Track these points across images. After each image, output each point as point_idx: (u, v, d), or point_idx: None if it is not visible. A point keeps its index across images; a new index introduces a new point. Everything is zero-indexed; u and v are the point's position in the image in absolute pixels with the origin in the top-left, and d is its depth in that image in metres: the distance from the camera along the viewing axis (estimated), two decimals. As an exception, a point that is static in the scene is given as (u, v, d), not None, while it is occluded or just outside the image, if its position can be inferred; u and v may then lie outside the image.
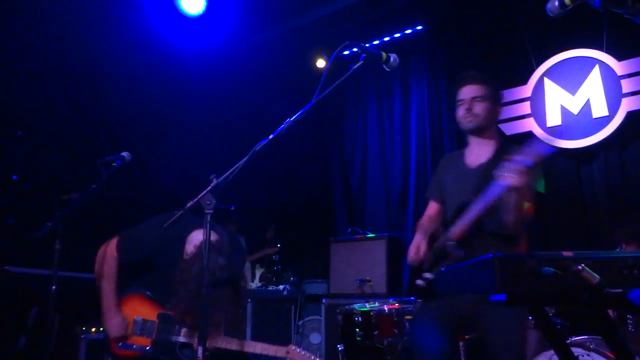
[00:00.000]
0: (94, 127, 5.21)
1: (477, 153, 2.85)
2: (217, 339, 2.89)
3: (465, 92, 2.82)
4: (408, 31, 6.06)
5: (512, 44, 5.39)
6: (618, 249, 3.97)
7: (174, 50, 5.49)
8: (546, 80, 5.19)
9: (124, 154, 3.26)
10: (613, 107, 4.80)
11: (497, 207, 2.47)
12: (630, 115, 4.72)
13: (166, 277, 2.89)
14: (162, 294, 2.96)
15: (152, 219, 3.11)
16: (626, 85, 4.76)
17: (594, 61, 4.95)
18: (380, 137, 6.40)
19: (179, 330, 2.92)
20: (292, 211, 6.69)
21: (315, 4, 5.76)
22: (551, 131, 5.11)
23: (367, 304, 4.16)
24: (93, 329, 4.26)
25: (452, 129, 5.75)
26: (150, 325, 2.96)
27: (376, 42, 6.14)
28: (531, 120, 5.22)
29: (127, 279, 3.08)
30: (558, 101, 5.10)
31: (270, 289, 5.77)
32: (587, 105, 4.94)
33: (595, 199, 4.84)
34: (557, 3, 1.73)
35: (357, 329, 3.90)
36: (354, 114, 6.73)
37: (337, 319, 4.26)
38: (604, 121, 4.83)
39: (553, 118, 5.10)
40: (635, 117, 4.72)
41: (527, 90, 5.28)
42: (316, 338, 5.65)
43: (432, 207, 3.06)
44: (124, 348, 2.94)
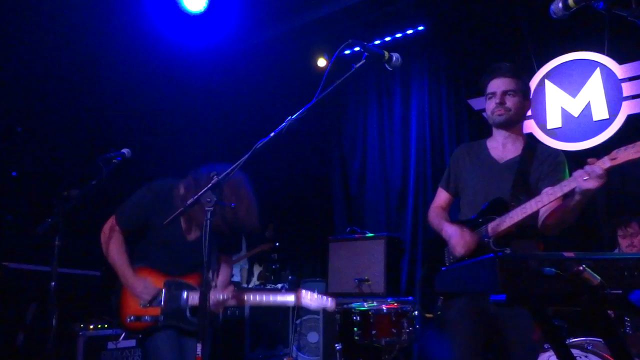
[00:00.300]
0: (94, 124, 5.21)
1: (503, 147, 2.77)
2: (224, 294, 2.94)
3: (497, 85, 2.72)
4: (409, 31, 6.06)
5: (514, 45, 5.40)
6: (616, 249, 3.99)
7: (176, 48, 5.49)
8: (547, 82, 5.20)
9: (125, 150, 3.27)
10: (613, 110, 4.81)
11: (558, 209, 2.41)
12: (630, 119, 4.73)
13: (166, 245, 2.93)
14: (164, 264, 2.98)
15: (143, 186, 3.11)
16: (627, 89, 4.77)
17: (595, 64, 4.96)
18: (380, 136, 6.41)
19: (186, 295, 2.92)
20: (291, 210, 6.69)
21: (317, 3, 5.76)
22: (551, 133, 5.12)
23: (365, 303, 4.16)
24: (91, 326, 4.27)
25: (452, 129, 5.76)
26: (157, 295, 2.93)
27: (377, 42, 6.14)
28: (532, 122, 5.23)
29: (129, 256, 3.07)
30: (559, 103, 5.11)
31: (268, 287, 5.77)
32: (587, 108, 4.95)
33: (594, 201, 4.85)
34: (560, 5, 1.73)
35: (355, 328, 3.91)
36: (354, 113, 6.73)
37: (335, 318, 4.26)
38: (604, 124, 4.84)
39: (553, 120, 5.11)
40: (635, 121, 4.73)
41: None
42: (314, 337, 5.65)
43: (443, 197, 2.98)
44: (135, 321, 2.93)
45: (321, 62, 6.35)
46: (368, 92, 6.61)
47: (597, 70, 4.94)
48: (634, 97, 4.74)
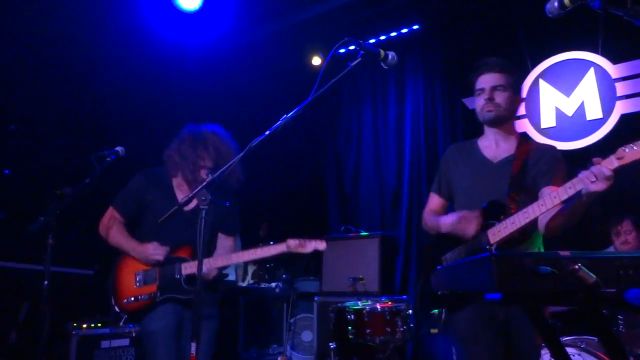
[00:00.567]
0: (88, 122, 5.19)
1: (496, 146, 2.66)
2: (215, 260, 3.00)
3: (486, 80, 2.63)
4: (404, 30, 6.06)
5: (508, 45, 5.41)
6: (610, 248, 4.01)
7: (170, 45, 5.47)
8: (541, 81, 5.21)
9: (118, 148, 3.27)
10: (607, 110, 4.83)
11: (561, 212, 2.29)
12: (623, 118, 4.75)
13: (159, 224, 2.85)
14: (161, 239, 3.03)
15: (136, 174, 3.26)
16: (620, 88, 4.79)
17: (589, 64, 4.98)
18: (375, 135, 6.41)
19: (180, 267, 2.99)
20: (286, 208, 6.67)
21: (311, 1, 5.75)
22: (545, 132, 5.13)
23: (359, 302, 4.16)
24: (84, 325, 4.25)
25: (446, 128, 5.76)
26: (151, 273, 3.01)
27: (372, 41, 6.14)
28: (526, 121, 5.24)
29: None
30: (553, 103, 5.12)
31: (262, 286, 5.76)
32: (581, 108, 4.97)
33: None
34: (556, 4, 1.73)
35: (349, 327, 3.90)
36: (348, 112, 6.73)
37: (330, 316, 4.26)
38: (598, 123, 4.86)
39: (547, 119, 5.12)
40: (629, 120, 4.75)
41: (523, 91, 5.29)
42: (308, 336, 5.65)
43: (436, 202, 2.85)
44: (134, 301, 3.00)
45: (316, 61, 6.34)
46: (362, 91, 6.60)
47: (591, 70, 4.96)
48: (627, 96, 4.76)
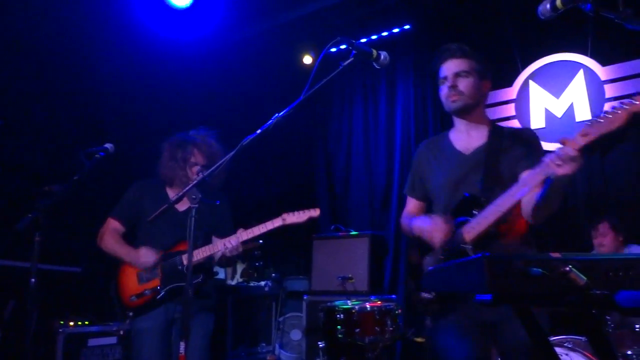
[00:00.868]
0: (77, 118, 5.13)
1: (467, 136, 2.49)
2: (200, 249, 3.10)
3: (448, 67, 2.47)
4: (396, 30, 6.08)
5: (499, 46, 5.43)
6: (594, 248, 4.04)
7: (161, 42, 5.43)
8: (531, 83, 5.25)
9: (108, 145, 3.23)
10: (596, 112, 4.85)
11: (528, 202, 2.19)
12: (612, 120, 4.78)
13: (159, 221, 2.98)
14: (158, 241, 3.14)
15: (132, 184, 3.38)
16: (609, 90, 4.84)
17: (579, 66, 5.02)
18: (365, 135, 6.41)
19: (180, 259, 3.10)
20: (275, 207, 6.63)
21: (303, 0, 5.74)
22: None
23: (348, 301, 4.16)
24: (71, 323, 4.21)
25: (437, 128, 5.78)
26: (153, 270, 3.11)
27: (364, 40, 6.14)
28: (515, 122, 5.28)
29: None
30: (542, 104, 5.16)
31: (251, 285, 5.76)
32: (570, 109, 5.01)
33: (575, 201, 4.91)
34: (548, 6, 1.74)
35: (338, 326, 3.90)
36: (339, 111, 6.73)
37: (319, 316, 4.25)
38: (586, 125, 4.89)
39: (537, 120, 5.16)
40: (617, 122, 4.78)
41: (513, 92, 5.34)
42: (296, 335, 5.65)
43: (411, 205, 2.73)
44: (138, 298, 3.08)
45: (307, 59, 6.34)
46: (353, 90, 6.61)
47: (581, 72, 5.00)
48: (616, 98, 4.80)
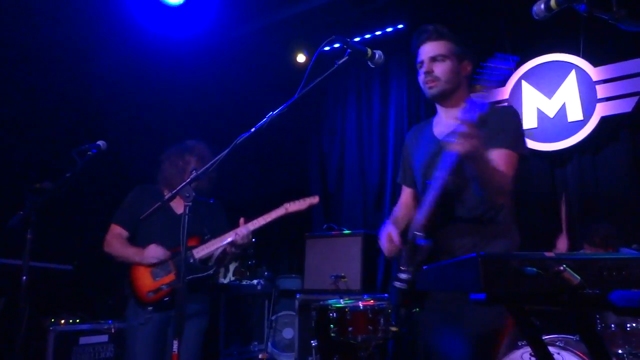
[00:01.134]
0: (69, 115, 5.10)
1: (445, 122, 2.40)
2: (211, 242, 3.29)
3: (424, 52, 2.35)
4: (389, 29, 6.08)
5: (492, 46, 5.44)
6: (582, 250, 4.05)
7: (154, 39, 5.40)
8: (524, 83, 5.27)
9: (100, 142, 3.23)
10: (588, 112, 4.90)
11: (458, 184, 2.11)
12: (604, 120, 4.82)
13: (161, 225, 3.30)
14: (163, 242, 3.27)
15: (132, 189, 3.52)
16: (601, 91, 4.86)
17: (571, 66, 5.05)
18: (359, 134, 6.42)
19: (192, 252, 3.26)
20: (268, 206, 6.64)
21: (296, -2, 5.74)
22: (527, 134, 5.18)
23: (341, 300, 4.16)
24: (62, 321, 4.19)
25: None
26: (167, 265, 3.25)
27: (357, 39, 6.14)
28: (508, 122, 5.28)
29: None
30: (535, 104, 5.18)
31: (244, 283, 5.74)
32: (562, 109, 5.03)
33: (567, 201, 4.93)
34: (543, 6, 1.74)
35: (331, 325, 3.90)
36: (332, 111, 6.73)
37: (311, 314, 4.25)
38: (578, 125, 4.93)
39: (529, 120, 5.18)
40: (608, 122, 4.82)
41: (505, 92, 5.35)
42: (289, 333, 5.65)
43: (406, 194, 2.68)
44: (155, 293, 3.20)
45: (300, 58, 6.33)
46: (347, 89, 6.61)
47: (573, 72, 5.03)
48: (607, 99, 4.83)
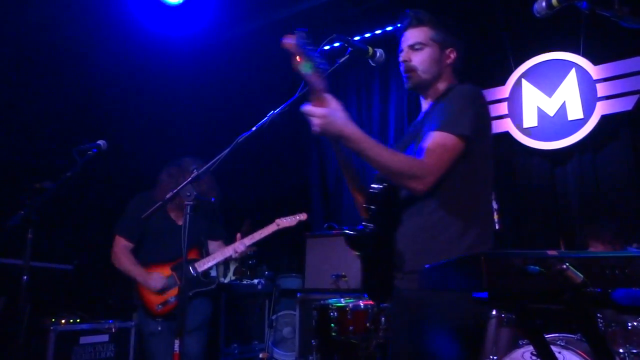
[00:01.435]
0: (70, 114, 5.10)
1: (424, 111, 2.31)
2: (212, 256, 3.59)
3: (404, 39, 2.23)
4: (389, 28, 6.07)
5: (492, 44, 5.45)
6: (591, 249, 4.04)
7: (154, 38, 5.41)
8: (524, 81, 5.26)
9: (100, 142, 3.23)
10: (588, 110, 4.89)
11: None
12: (604, 119, 4.81)
13: (162, 236, 3.55)
14: (166, 253, 3.51)
15: (132, 198, 3.69)
16: (601, 89, 4.85)
17: (571, 64, 5.04)
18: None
19: (193, 267, 3.52)
20: (268, 205, 6.65)
21: (296, -3, 5.74)
22: (527, 132, 5.18)
23: (342, 299, 4.16)
24: (63, 321, 4.19)
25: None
26: (171, 279, 3.48)
27: (357, 38, 6.13)
28: (508, 120, 5.28)
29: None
30: (535, 103, 5.17)
31: (244, 283, 5.74)
32: (562, 108, 5.02)
33: (568, 199, 4.93)
34: (544, 4, 1.74)
35: (332, 324, 3.90)
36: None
37: (312, 314, 4.25)
38: (578, 124, 4.92)
39: (529, 119, 5.17)
40: (609, 121, 4.81)
41: (505, 91, 5.35)
42: (289, 332, 5.65)
43: None
44: (164, 305, 3.44)
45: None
46: (347, 88, 6.60)
47: (573, 71, 5.02)
48: (607, 97, 4.82)
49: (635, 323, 3.39)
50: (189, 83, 5.94)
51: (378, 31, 6.14)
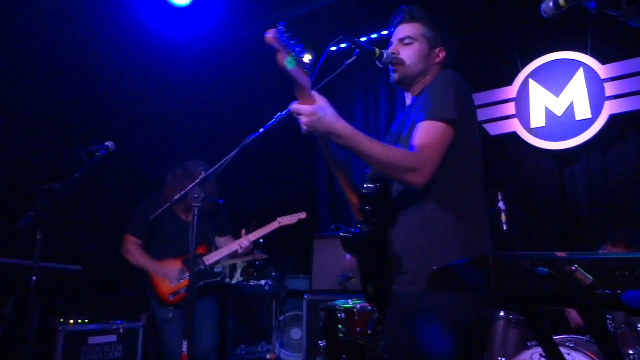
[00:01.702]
0: (78, 116, 5.13)
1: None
2: (219, 251, 3.88)
3: (395, 34, 2.23)
4: (395, 29, 6.06)
5: (499, 44, 5.43)
6: (601, 250, 4.01)
7: (161, 40, 5.42)
8: (531, 81, 5.24)
9: (108, 143, 3.25)
10: (596, 110, 4.86)
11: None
12: (612, 118, 4.79)
13: (171, 234, 3.82)
14: (176, 249, 3.76)
15: (142, 200, 3.91)
16: (609, 89, 4.83)
17: (579, 64, 5.01)
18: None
19: (202, 261, 3.80)
20: (276, 206, 6.64)
21: (302, -2, 5.74)
22: (535, 132, 5.16)
23: (350, 300, 4.15)
24: (71, 321, 4.21)
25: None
26: (182, 271, 3.76)
27: (364, 39, 6.13)
28: (516, 121, 5.26)
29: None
30: (542, 103, 5.15)
31: (252, 284, 5.75)
32: (570, 108, 5.00)
33: (576, 200, 4.91)
34: (552, 4, 1.73)
35: (339, 326, 3.90)
36: (339, 109, 6.63)
37: (320, 315, 4.25)
38: (586, 124, 4.89)
39: (537, 119, 5.15)
40: (617, 120, 4.79)
41: (513, 91, 5.33)
42: (297, 334, 5.65)
43: None
44: (175, 295, 3.72)
45: (307, 58, 6.29)
46: (354, 89, 6.60)
47: (581, 70, 4.99)
48: (616, 97, 4.80)
49: (645, 324, 3.37)
50: (195, 84, 5.95)
51: (385, 32, 6.13)
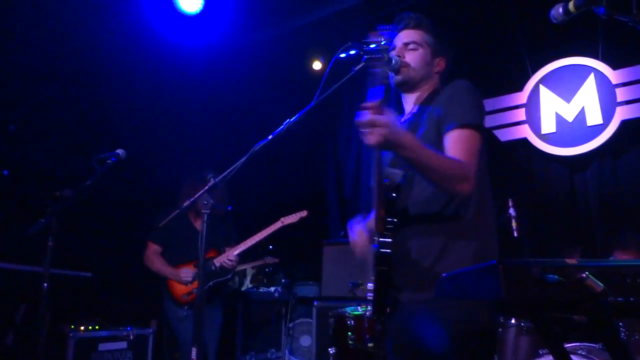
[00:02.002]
0: (89, 123, 5.17)
1: (406, 113, 2.29)
2: (227, 253, 4.20)
3: (399, 38, 2.26)
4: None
5: (509, 50, 5.41)
6: (612, 257, 3.97)
7: (171, 47, 5.46)
8: (542, 87, 5.21)
9: (119, 151, 3.27)
10: (607, 116, 4.82)
11: (409, 178, 2.00)
12: (624, 124, 4.75)
13: (186, 240, 4.16)
14: (189, 255, 4.12)
15: (163, 209, 4.03)
16: (620, 94, 4.79)
17: (589, 69, 4.98)
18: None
19: (212, 262, 4.18)
20: (285, 212, 6.65)
21: (312, 6, 5.76)
22: (545, 138, 5.13)
23: (359, 307, 4.14)
24: (82, 327, 4.24)
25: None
26: (195, 274, 4.10)
27: (372, 46, 6.13)
28: (526, 127, 5.24)
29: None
30: (553, 108, 5.12)
31: (261, 290, 5.75)
32: (581, 113, 4.96)
33: (588, 206, 4.86)
34: (561, 10, 1.73)
35: (349, 333, 3.88)
36: (348, 116, 6.71)
37: (329, 322, 4.23)
38: (598, 129, 4.85)
39: (548, 125, 5.12)
40: (629, 126, 4.75)
41: (523, 97, 5.30)
42: (306, 340, 5.63)
43: None
44: (188, 295, 4.10)
45: (316, 65, 6.33)
46: (362, 96, 6.59)
47: (591, 76, 4.96)
48: (627, 102, 4.76)
49: (659, 332, 3.33)
50: (206, 91, 5.99)
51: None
